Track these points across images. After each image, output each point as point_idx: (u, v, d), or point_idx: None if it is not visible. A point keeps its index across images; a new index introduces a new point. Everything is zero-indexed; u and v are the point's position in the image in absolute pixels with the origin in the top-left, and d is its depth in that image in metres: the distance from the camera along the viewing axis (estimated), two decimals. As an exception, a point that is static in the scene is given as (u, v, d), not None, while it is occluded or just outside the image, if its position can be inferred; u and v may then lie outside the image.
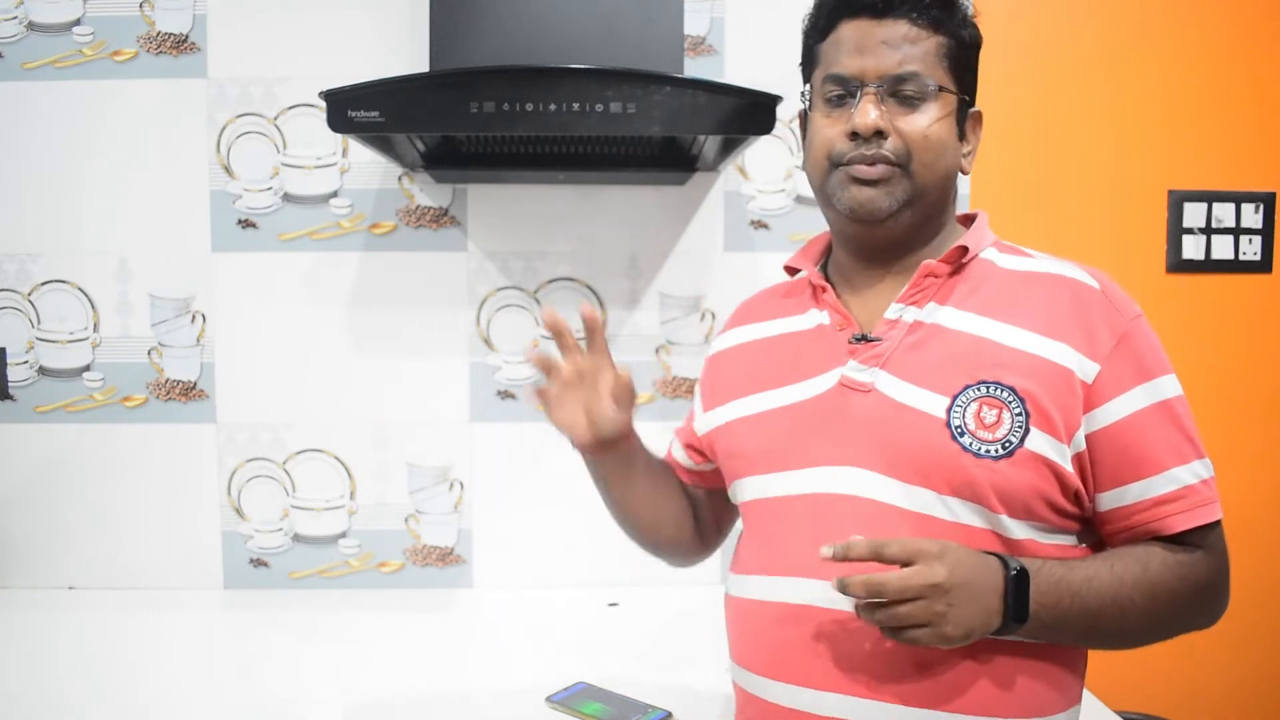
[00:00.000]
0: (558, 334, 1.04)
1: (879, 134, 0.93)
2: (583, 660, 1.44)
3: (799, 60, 1.04)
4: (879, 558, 0.83)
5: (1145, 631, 0.91)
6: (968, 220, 1.05)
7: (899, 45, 0.93)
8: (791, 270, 1.09)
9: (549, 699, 1.30)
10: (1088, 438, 0.89)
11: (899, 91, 0.93)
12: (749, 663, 0.99)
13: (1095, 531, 0.95)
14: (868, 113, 0.92)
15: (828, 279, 1.04)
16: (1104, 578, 0.88)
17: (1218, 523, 0.91)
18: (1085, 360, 0.89)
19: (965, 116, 0.99)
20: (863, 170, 0.94)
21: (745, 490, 1.03)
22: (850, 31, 0.95)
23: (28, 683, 1.38)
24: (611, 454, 1.09)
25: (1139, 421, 0.89)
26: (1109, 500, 0.91)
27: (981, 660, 0.88)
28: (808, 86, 1.01)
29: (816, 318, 1.03)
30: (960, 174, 0.99)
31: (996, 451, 0.88)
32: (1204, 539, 0.91)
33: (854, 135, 0.93)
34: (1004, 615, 0.84)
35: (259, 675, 1.42)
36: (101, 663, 1.46)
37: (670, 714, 1.25)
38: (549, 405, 1.05)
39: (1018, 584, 0.84)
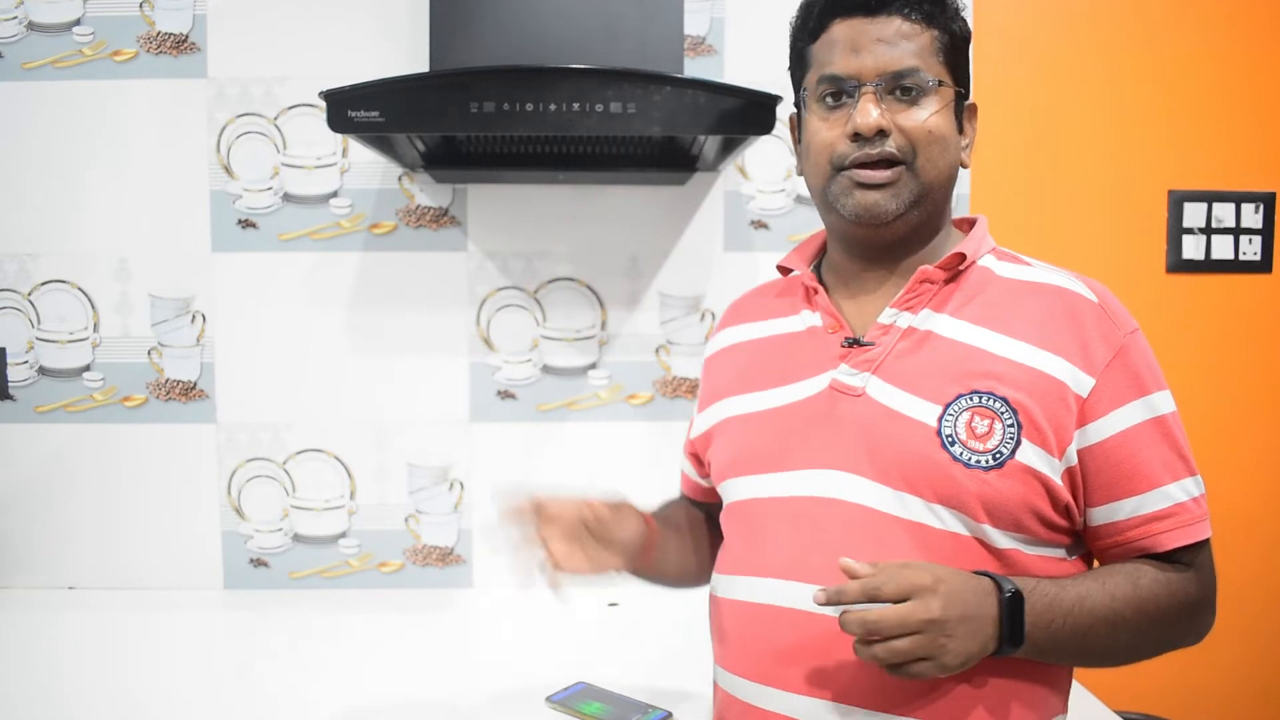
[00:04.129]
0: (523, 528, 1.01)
1: (881, 133, 0.91)
2: (583, 660, 1.44)
3: (787, 65, 1.03)
4: (874, 599, 0.80)
5: (1134, 648, 0.91)
6: (965, 224, 1.03)
7: (895, 42, 0.92)
8: (784, 270, 1.08)
9: (549, 699, 1.30)
10: (1080, 452, 0.88)
11: (898, 88, 0.92)
12: (730, 664, 0.98)
13: (1086, 545, 0.94)
14: (869, 112, 0.91)
15: (821, 280, 1.04)
16: (1096, 596, 0.87)
17: (1207, 541, 0.91)
18: (1080, 374, 0.88)
19: (962, 109, 0.98)
20: (868, 175, 0.92)
21: (733, 491, 1.02)
22: (843, 31, 0.94)
23: (28, 683, 1.38)
24: (640, 560, 1.07)
25: (1134, 437, 0.88)
26: (1101, 515, 0.90)
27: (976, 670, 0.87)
28: (802, 90, 0.99)
29: (808, 319, 1.02)
30: (961, 167, 0.98)
31: (987, 462, 0.87)
32: (1194, 557, 0.91)
33: (856, 136, 0.92)
34: (999, 640, 0.83)
35: (258, 675, 1.42)
36: (101, 663, 1.46)
37: (670, 714, 1.25)
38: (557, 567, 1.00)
39: (1013, 608, 0.83)
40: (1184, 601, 0.89)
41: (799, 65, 1.01)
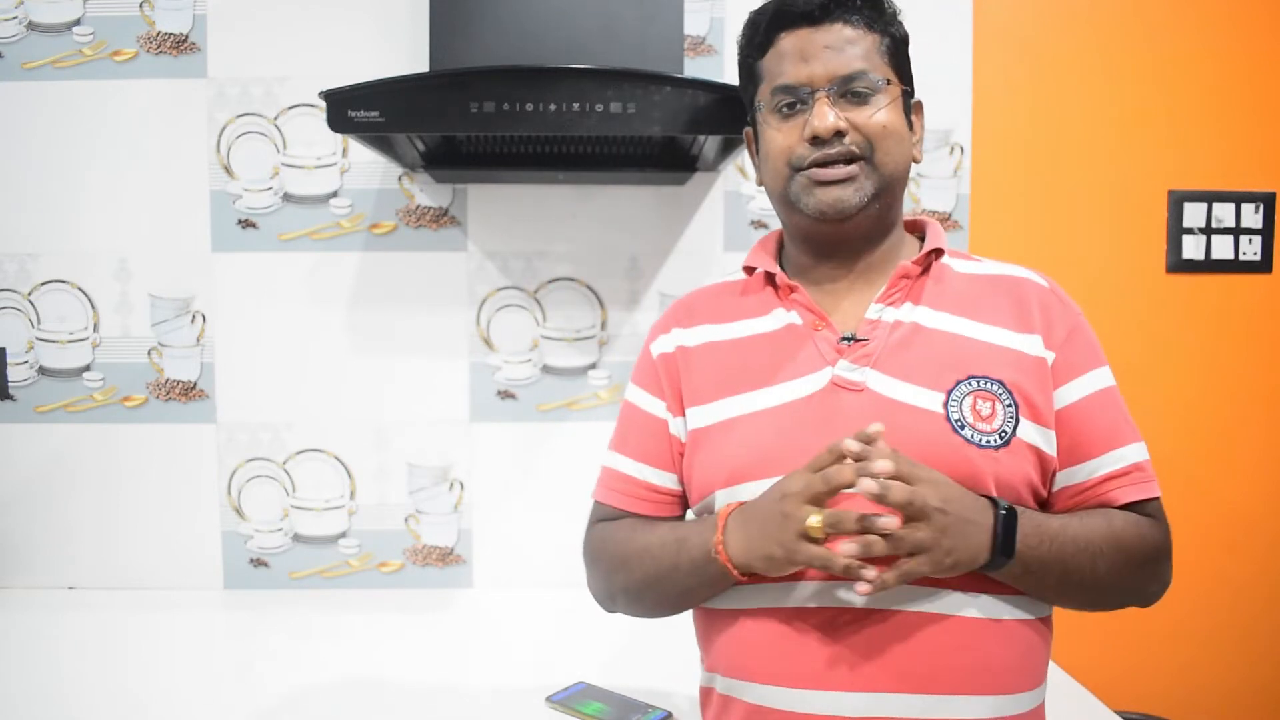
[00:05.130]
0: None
1: (838, 134, 0.95)
2: (583, 660, 1.44)
3: (739, 81, 1.07)
4: (896, 475, 0.83)
5: (1109, 583, 0.93)
6: (913, 226, 1.08)
7: (841, 47, 0.96)
8: (749, 269, 1.07)
9: (549, 699, 1.30)
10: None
11: (849, 90, 0.96)
12: (768, 675, 0.93)
13: (1050, 509, 0.99)
14: (825, 115, 0.95)
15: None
16: (1075, 527, 0.92)
17: (1159, 500, 0.98)
18: (1045, 348, 0.96)
19: (910, 107, 1.02)
20: (826, 173, 0.96)
21: (738, 497, 0.95)
22: (791, 42, 0.98)
23: (28, 683, 1.38)
24: None
25: (1090, 404, 0.96)
26: (1063, 478, 0.96)
27: (1005, 640, 0.91)
28: (756, 104, 1.03)
29: (784, 318, 1.01)
30: (914, 162, 1.02)
31: (995, 441, 0.91)
32: (1151, 511, 0.97)
33: (814, 139, 0.96)
34: (993, 551, 0.86)
35: (258, 675, 1.42)
36: (101, 663, 1.46)
37: (670, 714, 1.26)
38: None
39: (1007, 523, 0.87)
40: (1150, 544, 0.95)
41: (750, 80, 1.05)
